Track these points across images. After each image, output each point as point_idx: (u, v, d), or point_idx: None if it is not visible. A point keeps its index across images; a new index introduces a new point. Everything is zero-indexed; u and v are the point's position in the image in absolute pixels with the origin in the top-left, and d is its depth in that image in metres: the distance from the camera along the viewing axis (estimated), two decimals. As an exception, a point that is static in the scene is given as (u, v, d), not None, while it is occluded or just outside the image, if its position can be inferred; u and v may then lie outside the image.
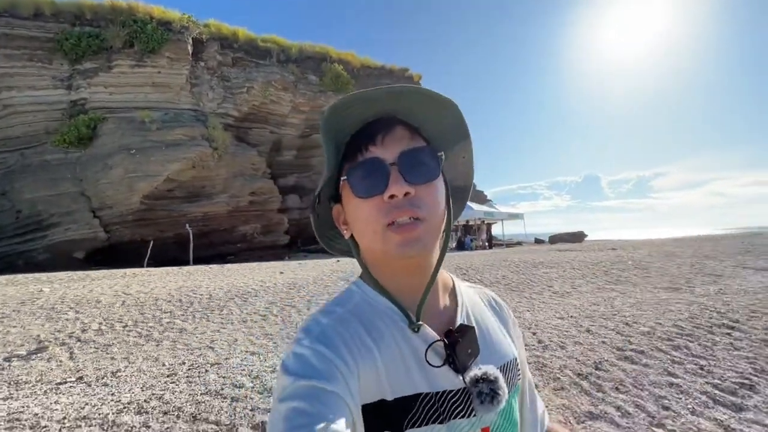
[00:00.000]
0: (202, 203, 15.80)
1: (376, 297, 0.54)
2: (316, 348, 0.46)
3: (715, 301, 4.49)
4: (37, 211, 13.75)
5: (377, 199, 0.50)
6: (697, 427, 1.95)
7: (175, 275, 7.80)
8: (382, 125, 0.52)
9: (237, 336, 3.73)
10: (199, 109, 16.94)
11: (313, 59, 21.72)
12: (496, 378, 0.50)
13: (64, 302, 4.90)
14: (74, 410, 2.04)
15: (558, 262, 8.50)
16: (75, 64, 15.25)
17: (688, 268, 7.76)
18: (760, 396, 2.27)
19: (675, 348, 2.91)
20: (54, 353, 3.30)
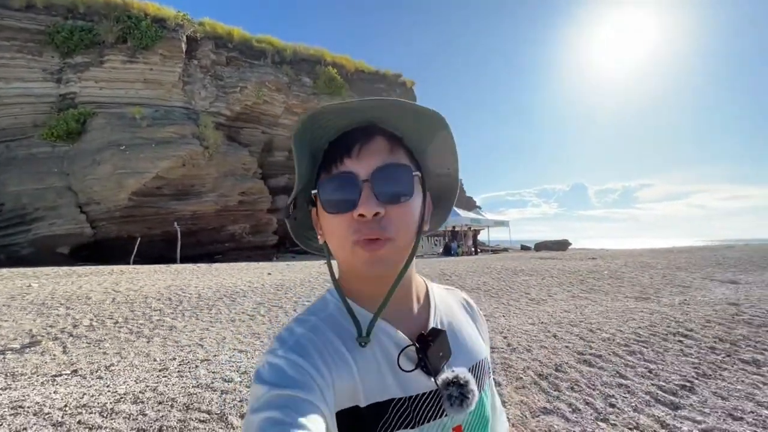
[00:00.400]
0: (191, 202, 15.78)
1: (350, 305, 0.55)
2: (291, 358, 0.46)
3: (677, 310, 4.82)
4: (22, 205, 13.59)
5: (347, 216, 0.50)
6: (636, 422, 2.21)
7: (164, 273, 7.88)
8: (361, 135, 0.51)
9: (225, 334, 3.90)
10: (191, 107, 16.94)
11: (308, 61, 21.90)
12: (466, 381, 0.51)
13: (54, 298, 4.99)
14: (74, 399, 2.20)
15: (538, 270, 8.83)
16: (66, 58, 15.14)
17: (659, 278, 8.15)
18: (696, 396, 2.56)
19: (630, 353, 3.19)
20: (47, 347, 3.42)
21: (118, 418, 1.98)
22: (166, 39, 16.16)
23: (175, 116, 15.95)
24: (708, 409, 2.41)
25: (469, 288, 6.68)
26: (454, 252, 16.57)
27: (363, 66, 25.34)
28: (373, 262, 0.49)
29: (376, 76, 25.54)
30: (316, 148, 0.54)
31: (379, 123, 0.53)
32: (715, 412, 2.37)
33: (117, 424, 1.90)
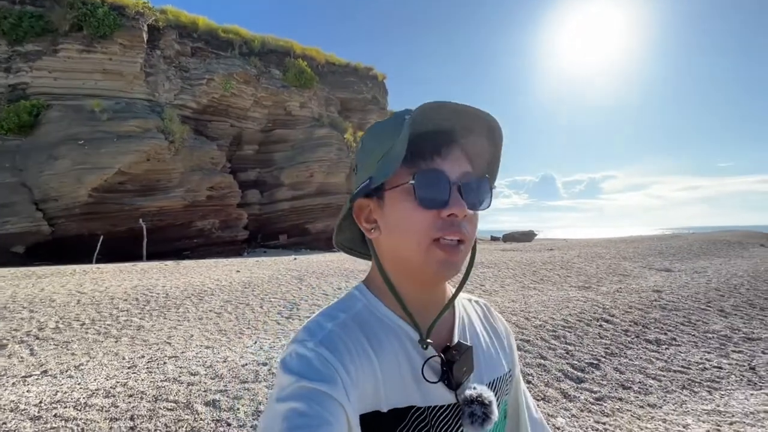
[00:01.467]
0: (157, 197, 15.45)
1: (380, 307, 0.54)
2: (320, 351, 0.46)
3: (608, 298, 5.43)
4: (-29, 202, 12.89)
5: (434, 213, 0.50)
6: (544, 394, 2.67)
7: (129, 273, 7.87)
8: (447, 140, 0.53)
9: (193, 332, 4.12)
10: (154, 99, 16.45)
11: (277, 53, 21.61)
12: (490, 402, 0.51)
13: (16, 301, 5.00)
14: (47, 396, 2.40)
15: (497, 262, 9.43)
16: (15, 46, 14.34)
17: (605, 268, 8.90)
18: (599, 371, 3.06)
19: (555, 337, 3.69)
20: (14, 350, 3.54)
21: (92, 410, 2.21)
22: (126, 28, 15.56)
23: (137, 109, 15.46)
24: (606, 382, 2.91)
25: (430, 281, 7.13)
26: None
27: (333, 58, 25.26)
28: (448, 263, 0.50)
29: (347, 69, 25.54)
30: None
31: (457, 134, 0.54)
32: (610, 384, 2.87)
33: (91, 416, 2.14)
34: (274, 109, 20.77)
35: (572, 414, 2.46)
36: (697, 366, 3.26)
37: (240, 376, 2.69)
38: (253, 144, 20.85)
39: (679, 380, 2.99)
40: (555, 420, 2.38)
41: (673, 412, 2.54)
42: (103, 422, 2.08)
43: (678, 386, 2.91)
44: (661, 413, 2.52)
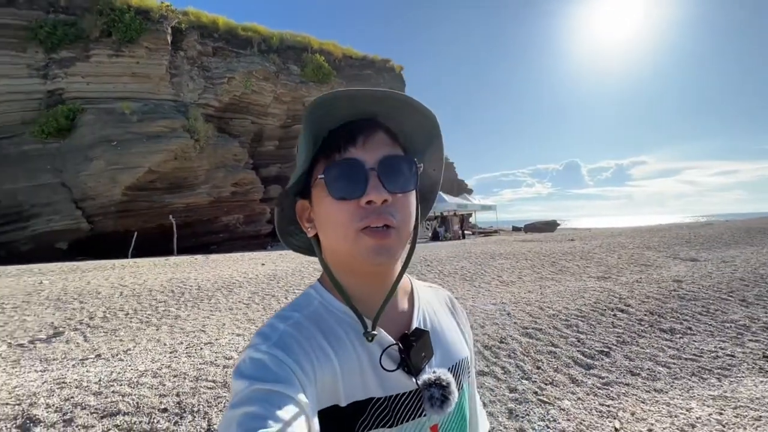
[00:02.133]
0: (184, 194, 16.14)
1: (334, 302, 0.54)
2: (273, 353, 0.45)
3: (625, 288, 5.44)
4: (18, 202, 13.88)
5: (353, 203, 0.50)
6: (553, 378, 2.82)
7: (163, 267, 8.39)
8: (364, 126, 0.52)
9: (225, 321, 4.45)
10: (179, 99, 17.08)
11: (294, 49, 21.90)
12: (448, 383, 0.51)
13: (67, 294, 5.50)
14: (104, 376, 2.74)
15: (515, 253, 9.46)
16: (51, 53, 15.15)
17: (626, 258, 8.78)
18: (609, 359, 3.17)
19: (567, 326, 3.80)
20: (70, 337, 3.96)
21: (143, 387, 2.52)
22: (151, 31, 16.17)
23: (164, 110, 16.12)
24: (614, 368, 3.02)
25: (447, 273, 7.28)
26: (442, 237, 17.20)
27: (351, 52, 25.36)
28: (378, 250, 0.49)
29: (364, 62, 25.60)
30: (317, 135, 0.53)
31: (380, 117, 0.54)
32: (618, 370, 2.98)
33: (143, 392, 2.45)
34: (293, 105, 21.13)
35: (578, 397, 2.60)
36: (709, 354, 3.31)
37: (269, 360, 2.95)
38: (274, 140, 21.33)
39: (689, 368, 3.07)
40: (561, 402, 2.53)
41: (678, 396, 2.64)
42: (154, 398, 2.38)
43: (687, 373, 2.99)
44: (666, 398, 2.62)
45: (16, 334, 4.03)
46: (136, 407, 2.27)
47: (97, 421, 2.13)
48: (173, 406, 2.29)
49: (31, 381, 2.70)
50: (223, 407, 2.32)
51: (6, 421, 2.10)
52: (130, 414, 2.20)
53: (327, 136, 0.53)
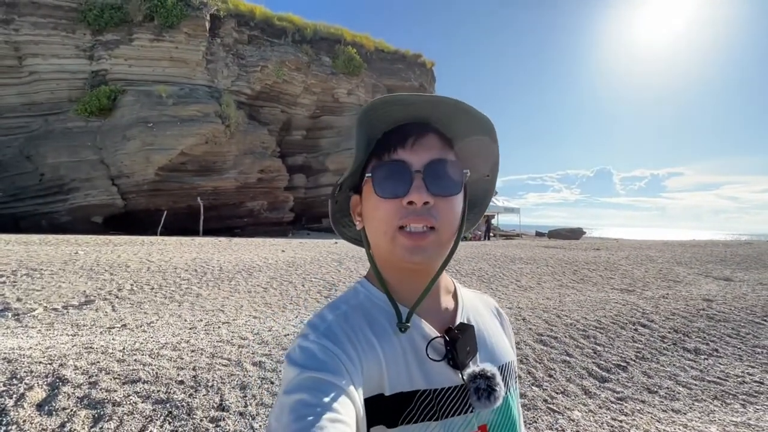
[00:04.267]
0: (212, 178, 16.63)
1: (379, 295, 0.56)
2: (322, 342, 0.47)
3: (650, 303, 5.24)
4: (59, 176, 14.69)
5: (396, 202, 0.51)
6: (564, 388, 2.76)
7: (189, 246, 8.70)
8: (415, 129, 0.54)
9: (243, 303, 4.59)
10: (213, 85, 17.54)
11: (327, 40, 22.03)
12: (493, 375, 0.51)
13: (99, 265, 5.81)
14: (128, 345, 2.89)
15: (536, 258, 9.25)
16: (97, 35, 15.86)
17: (654, 272, 8.45)
18: (626, 373, 3.07)
19: (584, 336, 3.70)
20: (99, 306, 4.18)
21: (163, 359, 2.64)
22: (191, 17, 16.63)
23: (198, 95, 16.60)
24: (631, 384, 2.92)
25: (465, 273, 7.21)
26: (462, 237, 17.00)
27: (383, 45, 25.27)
28: (414, 250, 0.51)
29: (395, 56, 25.47)
30: (372, 136, 0.56)
31: (432, 121, 0.55)
32: (635, 386, 2.89)
33: (163, 363, 2.57)
34: (323, 96, 21.31)
35: (590, 409, 2.54)
36: (735, 379, 3.15)
37: (282, 344, 3.04)
38: (301, 130, 21.61)
39: (712, 391, 2.93)
40: (571, 413, 2.47)
41: (697, 419, 2.53)
42: (172, 369, 2.49)
43: (709, 396, 2.86)
44: (684, 419, 2.52)
45: (52, 299, 4.30)
46: (155, 377, 2.38)
47: (119, 387, 2.25)
48: (189, 380, 2.39)
49: (62, 344, 2.88)
50: (235, 385, 2.40)
51: (38, 378, 2.25)
52: (149, 383, 2.32)
53: (381, 138, 0.56)
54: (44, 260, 5.84)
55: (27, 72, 15.33)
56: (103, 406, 2.07)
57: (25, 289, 4.56)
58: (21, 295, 4.35)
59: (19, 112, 15.48)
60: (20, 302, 4.13)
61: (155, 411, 2.08)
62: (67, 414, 1.99)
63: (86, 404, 2.08)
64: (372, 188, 0.53)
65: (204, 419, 2.07)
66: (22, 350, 2.63)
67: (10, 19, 14.62)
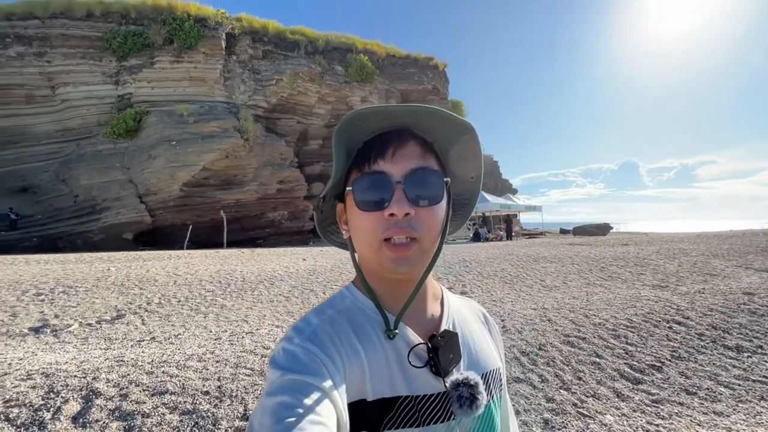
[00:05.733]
0: (234, 191, 17.08)
1: (365, 301, 0.56)
2: (306, 346, 0.47)
3: (685, 299, 4.98)
4: (92, 196, 15.43)
5: (377, 214, 0.51)
6: (595, 391, 2.65)
7: (213, 259, 8.93)
8: (395, 137, 0.53)
9: (265, 312, 4.65)
10: (231, 101, 18.07)
11: (339, 50, 22.36)
12: (476, 383, 0.51)
13: (130, 280, 6.03)
14: (156, 357, 2.97)
15: (561, 257, 8.99)
16: (122, 61, 16.66)
17: (688, 266, 8.05)
18: (661, 374, 2.92)
19: (614, 336, 3.55)
20: (130, 320, 4.34)
21: (189, 370, 2.71)
22: (208, 38, 17.25)
23: (218, 111, 17.14)
24: (667, 385, 2.78)
25: (486, 275, 7.08)
26: (484, 238, 16.75)
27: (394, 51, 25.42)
28: (399, 260, 0.51)
29: (407, 60, 25.55)
30: (352, 147, 0.55)
31: (412, 127, 0.55)
32: (671, 387, 2.74)
33: (189, 375, 2.63)
34: (337, 105, 21.58)
35: (623, 413, 2.43)
36: (783, 377, 2.94)
37: (304, 352, 3.05)
38: (318, 139, 21.93)
39: (758, 391, 2.75)
40: (603, 417, 2.37)
41: (743, 422, 2.37)
42: (197, 380, 2.55)
43: (755, 397, 2.68)
44: (727, 422, 2.37)
45: (86, 315, 4.49)
46: (182, 388, 2.44)
47: (148, 398, 2.32)
48: (214, 390, 2.44)
49: (95, 357, 2.99)
50: (258, 394, 2.43)
51: (73, 391, 2.35)
52: (176, 394, 2.38)
53: (361, 147, 0.56)
54: (79, 278, 6.12)
55: (59, 100, 16.24)
56: (134, 418, 2.13)
57: (62, 305, 4.78)
58: (58, 311, 4.57)
59: (53, 138, 16.40)
60: (58, 318, 4.34)
61: (182, 422, 2.13)
62: (100, 426, 2.06)
63: (117, 416, 2.15)
64: (353, 201, 0.54)
65: (229, 429, 2.10)
66: (59, 365, 2.75)
67: (43, 52, 15.56)
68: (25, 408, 2.14)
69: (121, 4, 17.08)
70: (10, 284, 5.63)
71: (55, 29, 15.80)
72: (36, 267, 7.32)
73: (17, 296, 5.10)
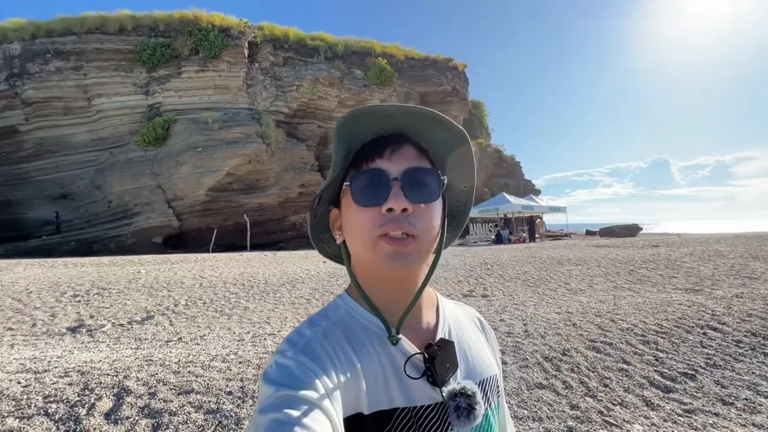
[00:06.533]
0: (257, 195, 17.48)
1: (359, 310, 0.55)
2: (300, 359, 0.46)
3: (721, 304, 4.74)
4: (124, 202, 16.14)
5: (375, 210, 0.51)
6: (622, 399, 2.55)
7: (237, 261, 9.17)
8: (393, 140, 0.54)
9: (287, 314, 4.73)
10: (254, 108, 18.54)
11: (358, 54, 22.57)
12: (474, 393, 0.51)
13: (158, 282, 6.27)
14: (183, 357, 3.08)
15: (587, 259, 8.72)
16: (151, 72, 17.40)
17: (725, 269, 7.66)
18: (695, 383, 2.78)
19: (644, 343, 3.41)
20: (159, 321, 4.51)
21: (213, 371, 2.79)
22: (231, 47, 17.77)
23: (241, 117, 17.62)
24: (701, 395, 2.64)
25: (508, 278, 6.95)
26: (506, 240, 16.45)
27: (413, 53, 25.45)
28: (395, 256, 0.50)
29: (426, 62, 25.53)
30: (351, 146, 0.56)
31: (410, 133, 0.56)
32: (705, 397, 2.61)
33: (213, 375, 2.70)
34: (356, 109, 21.75)
35: (653, 422, 2.33)
36: (832, 389, 2.75)
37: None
38: (338, 143, 22.15)
39: (803, 402, 2.57)
40: (631, 426, 2.28)
41: (785, 435, 2.23)
42: (221, 380, 2.62)
43: (799, 409, 2.51)
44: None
45: (119, 315, 4.70)
46: (207, 388, 2.51)
47: (174, 397, 2.40)
48: (237, 390, 2.50)
49: (126, 356, 3.13)
50: (280, 395, 2.47)
51: (106, 389, 2.46)
52: (201, 393, 2.45)
53: (359, 149, 0.56)
54: (112, 280, 6.42)
55: (94, 111, 17.11)
56: (161, 416, 2.22)
57: (97, 306, 5.02)
58: (93, 312, 4.80)
59: (89, 147, 17.28)
60: (92, 319, 4.56)
61: (207, 421, 2.19)
62: (130, 423, 2.15)
63: (146, 414, 2.24)
64: (350, 198, 0.53)
65: (251, 429, 2.15)
66: (93, 363, 2.89)
67: (79, 66, 16.45)
68: (63, 404, 2.26)
69: (150, 17, 17.85)
70: (51, 286, 5.96)
71: (90, 44, 16.68)
72: (73, 270, 7.72)
73: (56, 297, 5.40)
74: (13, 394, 2.34)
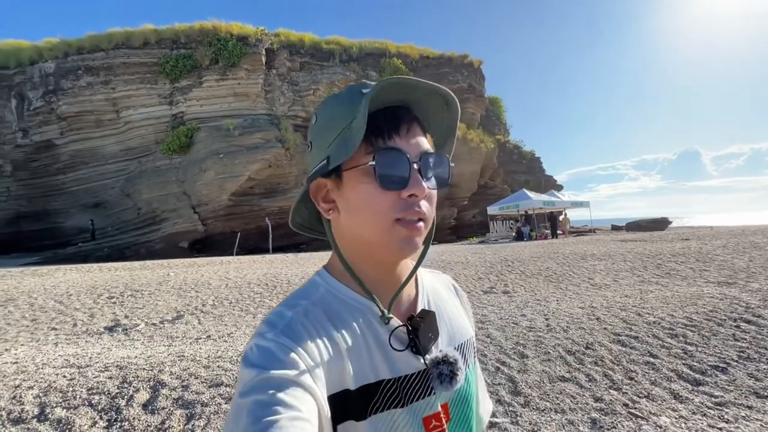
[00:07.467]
0: (277, 198, 17.83)
1: (341, 289, 0.54)
2: (281, 341, 0.45)
3: (756, 296, 4.54)
4: (153, 209, 16.78)
5: (395, 194, 0.49)
6: (648, 391, 2.50)
7: (260, 263, 9.41)
8: (404, 115, 0.52)
9: (309, 313, 4.85)
10: (272, 113, 18.93)
11: (373, 55, 22.70)
12: (455, 360, 0.52)
13: (187, 284, 6.53)
14: (212, 353, 3.22)
15: (611, 254, 8.49)
16: (174, 83, 18.03)
17: (761, 261, 7.32)
18: (726, 376, 2.70)
19: (672, 336, 3.32)
20: (188, 320, 4.70)
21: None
22: (249, 54, 18.21)
23: (260, 123, 18.03)
24: (733, 387, 2.56)
25: (530, 273, 6.86)
26: (526, 236, 16.17)
27: (427, 52, 25.36)
28: (410, 241, 0.50)
29: (441, 60, 25.40)
30: None
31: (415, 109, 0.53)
32: (738, 390, 2.53)
33: (241, 369, 2.83)
34: (372, 110, 21.87)
35: (681, 415, 2.28)
36: None
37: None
38: (355, 144, 22.34)
39: None
40: (657, 419, 2.24)
41: (824, 428, 2.14)
42: (249, 374, 2.74)
43: (841, 402, 2.40)
44: (805, 428, 2.15)
45: (151, 315, 4.93)
46: (235, 381, 2.63)
47: (206, 389, 2.52)
48: (264, 383, 2.60)
49: (160, 353, 3.29)
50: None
51: (143, 382, 2.61)
52: (230, 386, 2.56)
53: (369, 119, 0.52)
54: (144, 282, 6.72)
55: (123, 122, 17.89)
56: (194, 407, 2.34)
57: (131, 307, 5.28)
58: (128, 312, 5.06)
59: (119, 157, 18.07)
60: (127, 319, 4.80)
61: (236, 411, 2.30)
62: (166, 413, 2.28)
63: (180, 404, 2.36)
64: (371, 176, 0.49)
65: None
66: (130, 359, 3.06)
67: (108, 80, 17.25)
68: (104, 396, 2.42)
69: (172, 30, 18.51)
70: (88, 289, 6.30)
71: (117, 59, 17.46)
72: (108, 274, 8.13)
73: (93, 299, 5.71)
74: (60, 386, 2.52)
